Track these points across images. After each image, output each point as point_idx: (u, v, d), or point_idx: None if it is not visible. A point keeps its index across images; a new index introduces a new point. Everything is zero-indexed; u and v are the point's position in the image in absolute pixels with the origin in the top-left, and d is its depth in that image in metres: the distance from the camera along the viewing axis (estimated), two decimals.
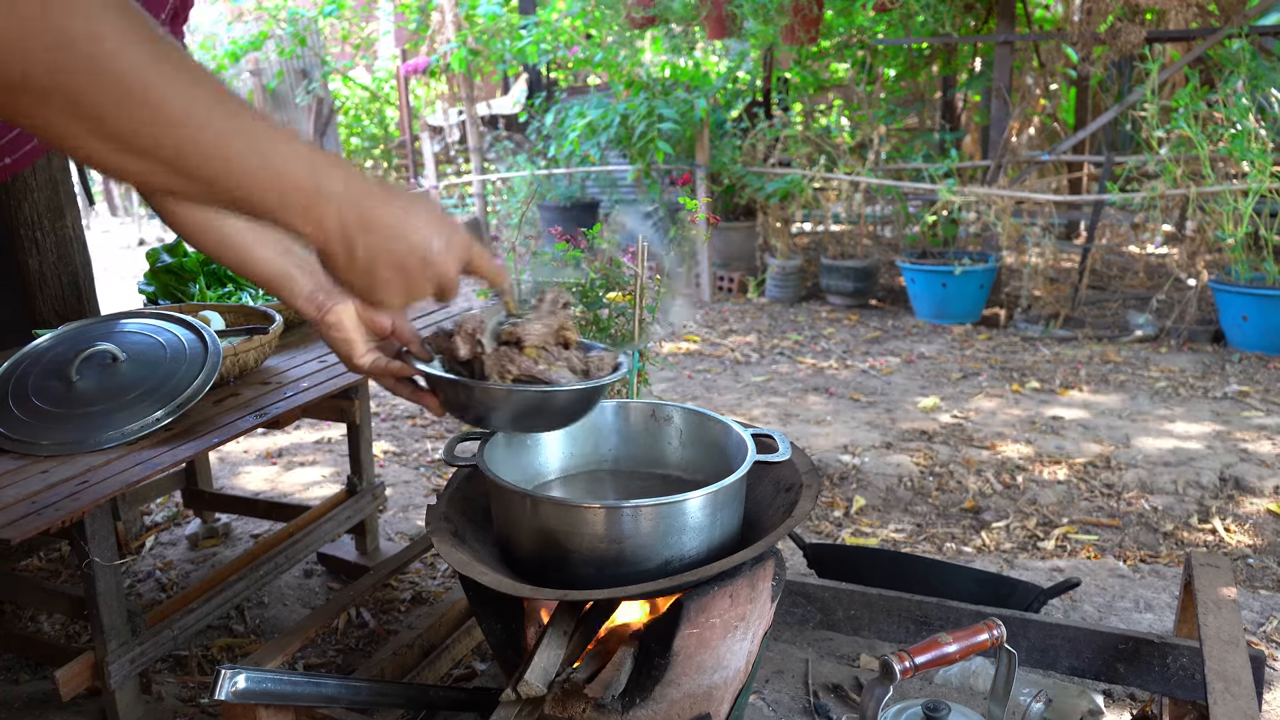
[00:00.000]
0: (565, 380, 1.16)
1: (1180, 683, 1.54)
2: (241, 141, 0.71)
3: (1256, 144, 4.26)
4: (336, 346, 1.12)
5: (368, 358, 1.11)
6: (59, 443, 1.51)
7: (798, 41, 5.99)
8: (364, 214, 0.80)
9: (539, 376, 1.14)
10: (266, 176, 0.73)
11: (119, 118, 0.65)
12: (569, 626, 1.23)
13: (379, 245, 0.82)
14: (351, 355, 1.11)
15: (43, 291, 2.39)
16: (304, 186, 0.75)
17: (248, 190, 0.72)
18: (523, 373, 1.14)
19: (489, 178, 8.24)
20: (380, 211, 0.81)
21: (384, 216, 0.82)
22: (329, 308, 1.09)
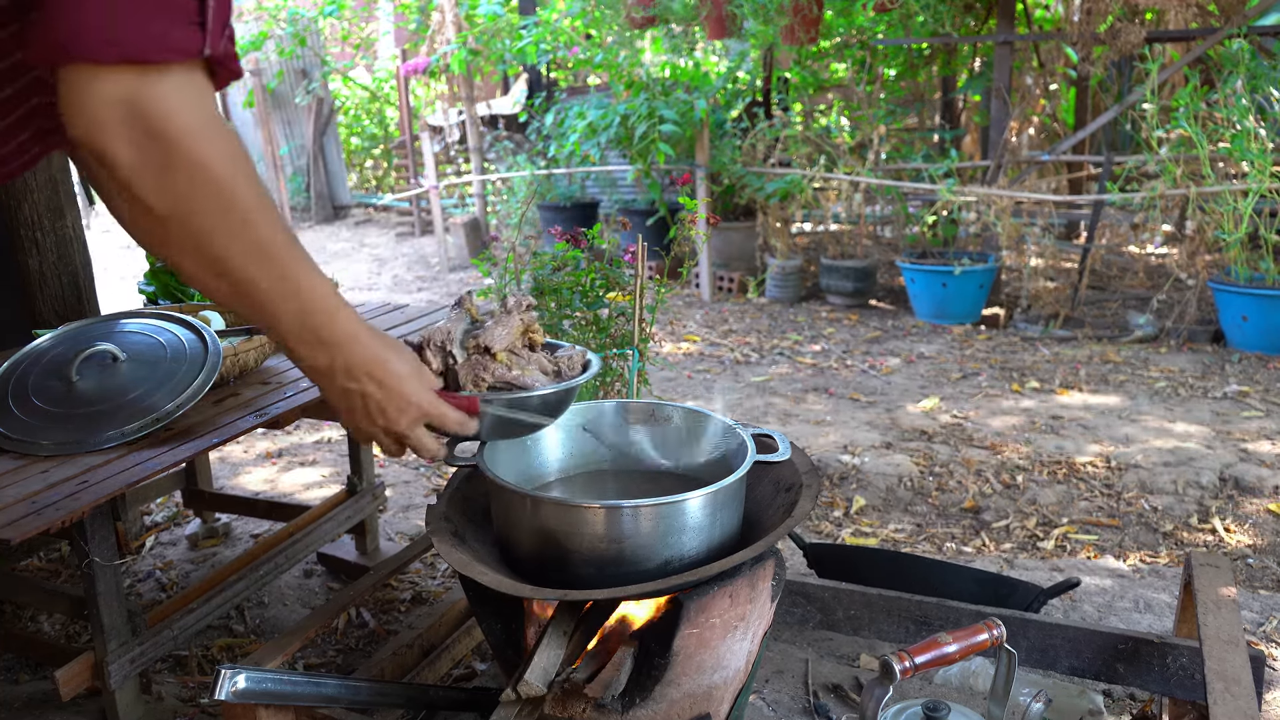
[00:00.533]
0: (539, 383, 1.17)
1: (1180, 683, 1.54)
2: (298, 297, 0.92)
3: (1256, 144, 4.26)
4: None
5: None
6: (59, 443, 1.51)
7: (798, 41, 5.99)
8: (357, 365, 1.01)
9: (514, 382, 1.16)
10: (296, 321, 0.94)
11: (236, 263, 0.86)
12: (569, 626, 1.23)
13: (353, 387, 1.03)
14: None
15: (43, 291, 2.39)
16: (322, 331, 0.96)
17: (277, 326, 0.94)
18: (497, 380, 1.15)
19: (489, 178, 8.24)
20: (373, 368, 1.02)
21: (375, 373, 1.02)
22: None
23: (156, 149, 0.76)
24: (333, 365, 0.99)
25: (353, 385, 1.02)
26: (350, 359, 1.00)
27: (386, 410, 1.06)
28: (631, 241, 2.32)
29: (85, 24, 0.71)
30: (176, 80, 0.76)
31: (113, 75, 0.72)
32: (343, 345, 0.98)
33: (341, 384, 1.01)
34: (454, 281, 7.12)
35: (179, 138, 0.76)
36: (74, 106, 0.73)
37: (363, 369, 1.01)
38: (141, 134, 0.75)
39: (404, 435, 1.09)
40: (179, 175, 0.77)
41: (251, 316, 0.92)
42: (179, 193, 0.78)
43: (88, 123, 0.73)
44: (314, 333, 0.95)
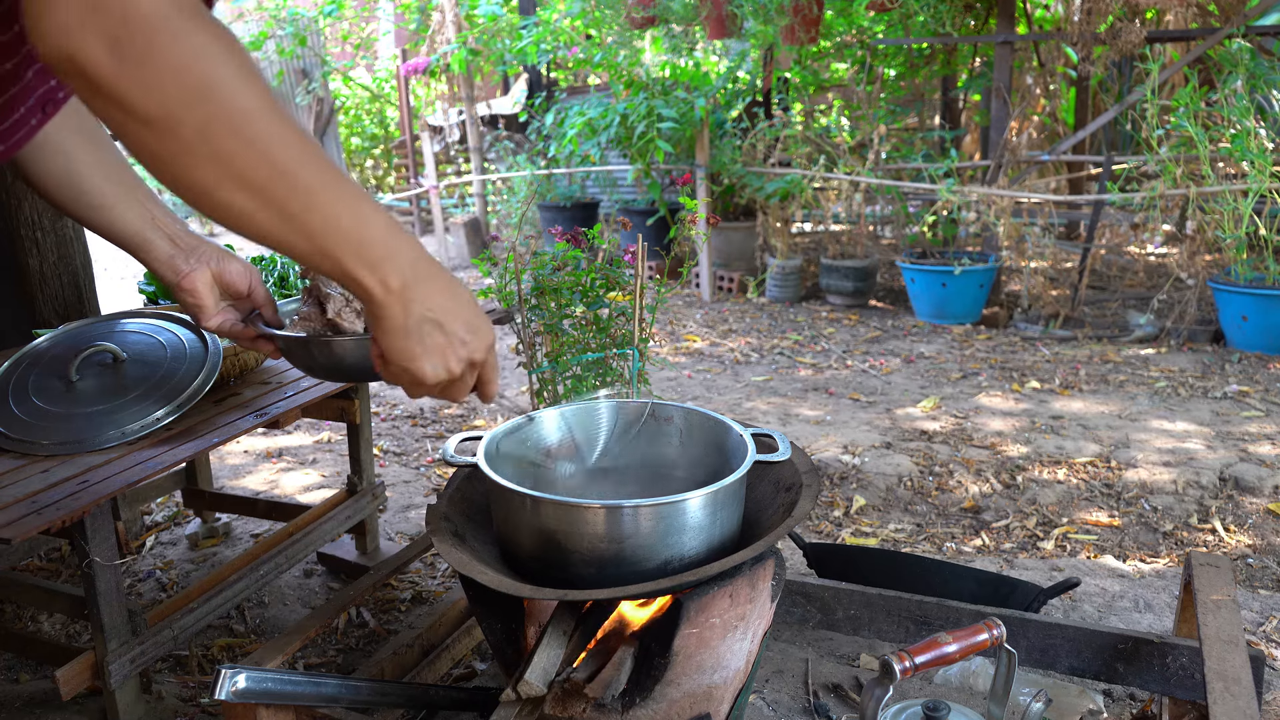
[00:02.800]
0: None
1: (1180, 682, 1.54)
2: (341, 200, 0.78)
3: (1256, 144, 4.26)
4: (187, 309, 1.20)
5: (216, 319, 1.19)
6: (59, 442, 1.51)
7: (798, 41, 5.99)
8: (425, 281, 0.86)
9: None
10: (353, 233, 0.80)
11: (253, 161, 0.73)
12: (569, 626, 1.23)
13: (431, 309, 0.87)
14: (200, 317, 1.19)
15: (43, 291, 2.39)
16: (379, 246, 0.82)
17: (329, 241, 0.79)
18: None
19: (489, 178, 8.24)
20: (438, 283, 0.87)
21: (440, 288, 0.88)
22: (185, 273, 1.16)
23: (132, 38, 0.66)
24: (405, 284, 0.84)
25: (427, 309, 0.87)
26: (421, 271, 0.85)
27: (475, 334, 0.91)
28: (631, 241, 2.32)
29: None
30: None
31: None
32: (410, 254, 0.84)
33: (418, 311, 0.86)
34: None
35: (157, 18, 0.67)
36: (38, 12, 0.65)
37: (438, 282, 0.87)
38: (115, 23, 0.66)
39: (484, 362, 0.95)
40: (164, 62, 0.68)
41: (294, 236, 0.78)
42: (169, 85, 0.68)
43: (54, 30, 0.65)
44: (372, 246, 0.81)
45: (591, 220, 7.50)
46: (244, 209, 0.75)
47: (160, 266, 1.17)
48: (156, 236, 1.17)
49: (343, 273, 0.81)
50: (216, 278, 1.17)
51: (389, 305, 0.84)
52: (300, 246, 0.79)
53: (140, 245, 1.17)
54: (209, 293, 1.17)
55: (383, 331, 0.87)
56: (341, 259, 0.80)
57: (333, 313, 1.16)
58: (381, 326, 0.87)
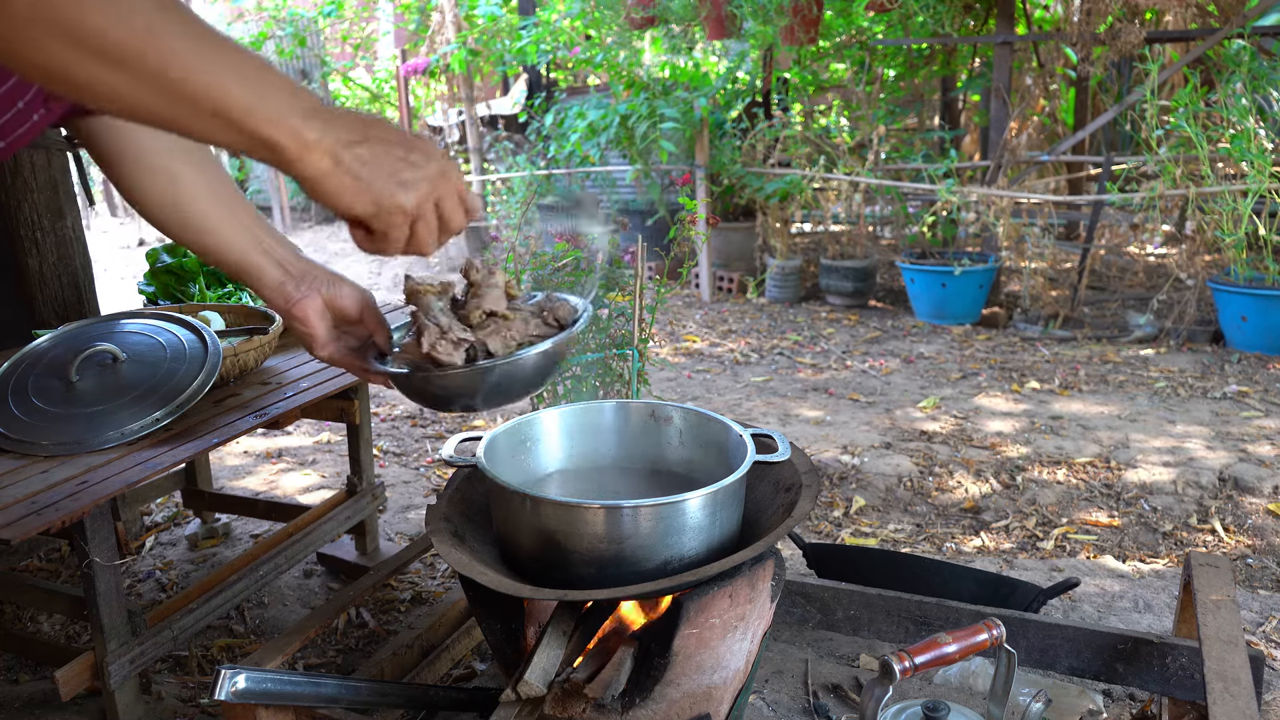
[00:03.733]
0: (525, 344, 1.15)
1: (1180, 683, 1.54)
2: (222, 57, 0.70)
3: (1256, 144, 4.26)
4: (300, 337, 1.14)
5: (329, 348, 1.14)
6: (59, 443, 1.51)
7: (797, 42, 5.99)
8: (338, 119, 0.77)
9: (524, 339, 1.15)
10: (244, 93, 0.70)
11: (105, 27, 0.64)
12: (569, 626, 1.23)
13: (358, 140, 0.78)
14: (313, 347, 1.13)
15: (43, 292, 2.39)
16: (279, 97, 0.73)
17: (221, 104, 0.70)
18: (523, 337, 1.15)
19: (489, 178, 8.24)
20: (351, 117, 0.79)
21: (355, 120, 0.79)
22: (296, 300, 1.11)
23: None
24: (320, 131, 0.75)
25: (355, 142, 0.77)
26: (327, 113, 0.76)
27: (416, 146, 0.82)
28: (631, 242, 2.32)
29: None
30: None
31: None
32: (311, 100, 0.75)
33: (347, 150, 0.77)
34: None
35: None
36: None
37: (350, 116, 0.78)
38: None
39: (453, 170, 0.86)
40: None
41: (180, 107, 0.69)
42: None
43: None
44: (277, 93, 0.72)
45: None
46: (113, 85, 0.66)
47: (270, 293, 1.11)
48: (266, 262, 1.11)
49: (246, 135, 0.72)
50: (329, 304, 1.12)
51: (311, 157, 0.75)
52: (186, 117, 0.70)
53: (249, 271, 1.11)
54: (320, 320, 1.11)
55: (327, 190, 0.77)
56: (238, 120, 0.71)
57: (427, 346, 1.11)
58: (320, 184, 0.77)
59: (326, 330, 1.13)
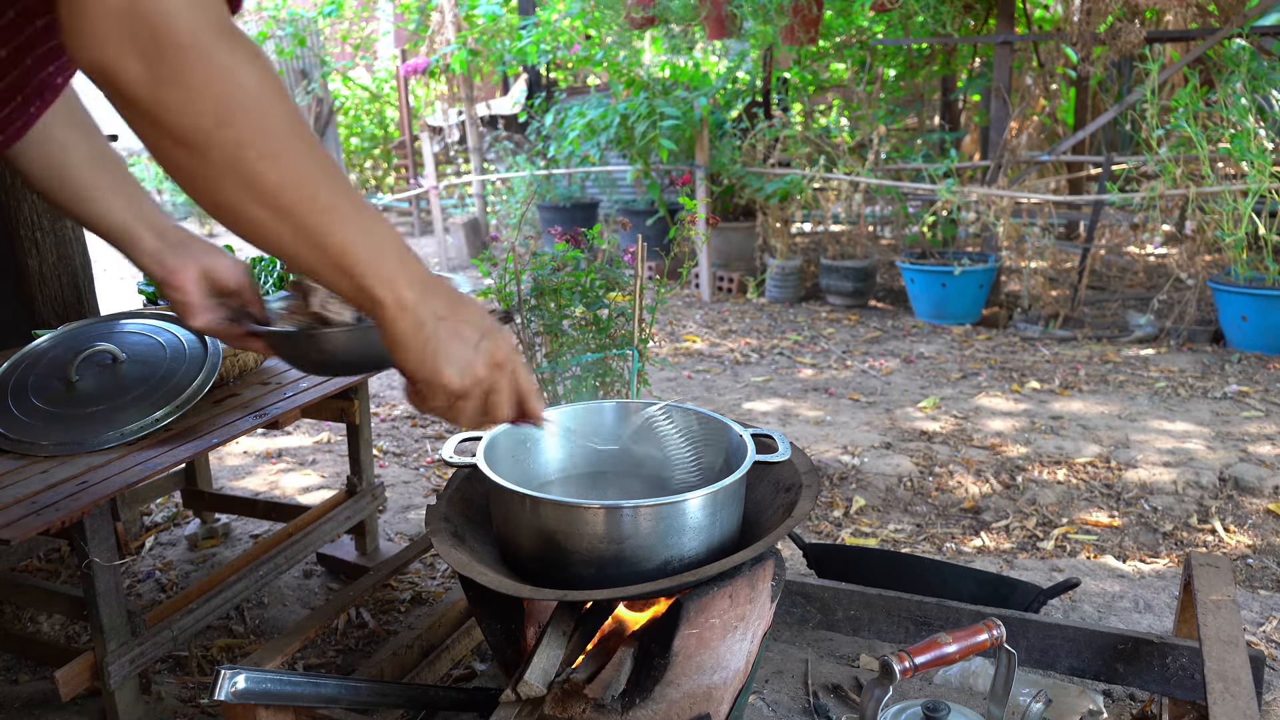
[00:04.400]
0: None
1: (1180, 683, 1.54)
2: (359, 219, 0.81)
3: (1256, 144, 4.26)
4: (174, 306, 1.15)
5: (204, 317, 1.14)
6: (59, 443, 1.51)
7: (797, 42, 5.99)
8: (434, 292, 0.87)
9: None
10: (368, 250, 0.82)
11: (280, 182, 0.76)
12: (569, 627, 1.23)
13: (444, 315, 0.88)
14: (187, 315, 1.14)
15: (43, 292, 2.39)
16: (393, 263, 0.83)
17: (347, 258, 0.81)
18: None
19: (489, 178, 8.24)
20: (447, 293, 0.89)
21: (449, 297, 0.89)
22: (173, 268, 1.12)
23: (164, 56, 0.67)
24: (418, 297, 0.84)
25: (439, 315, 0.87)
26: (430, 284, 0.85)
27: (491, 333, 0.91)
28: (631, 242, 2.32)
29: None
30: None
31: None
32: (419, 270, 0.85)
33: (431, 319, 0.86)
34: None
35: (189, 38, 0.68)
36: (74, 25, 0.67)
37: (446, 293, 0.87)
38: (147, 40, 0.67)
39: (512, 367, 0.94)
40: (196, 82, 0.69)
41: (314, 253, 0.80)
42: (201, 105, 0.70)
43: (90, 40, 0.67)
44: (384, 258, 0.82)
45: (591, 220, 7.50)
46: (269, 226, 0.77)
47: (147, 261, 1.14)
48: (144, 230, 1.14)
49: (358, 288, 0.83)
50: (205, 274, 1.14)
51: (403, 318, 0.85)
52: (318, 262, 0.81)
53: (127, 239, 1.14)
54: (197, 289, 1.13)
55: (401, 347, 0.87)
56: (357, 275, 0.82)
57: (317, 305, 1.12)
58: (399, 342, 0.86)
59: (202, 299, 1.14)
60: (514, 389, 0.96)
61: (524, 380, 0.96)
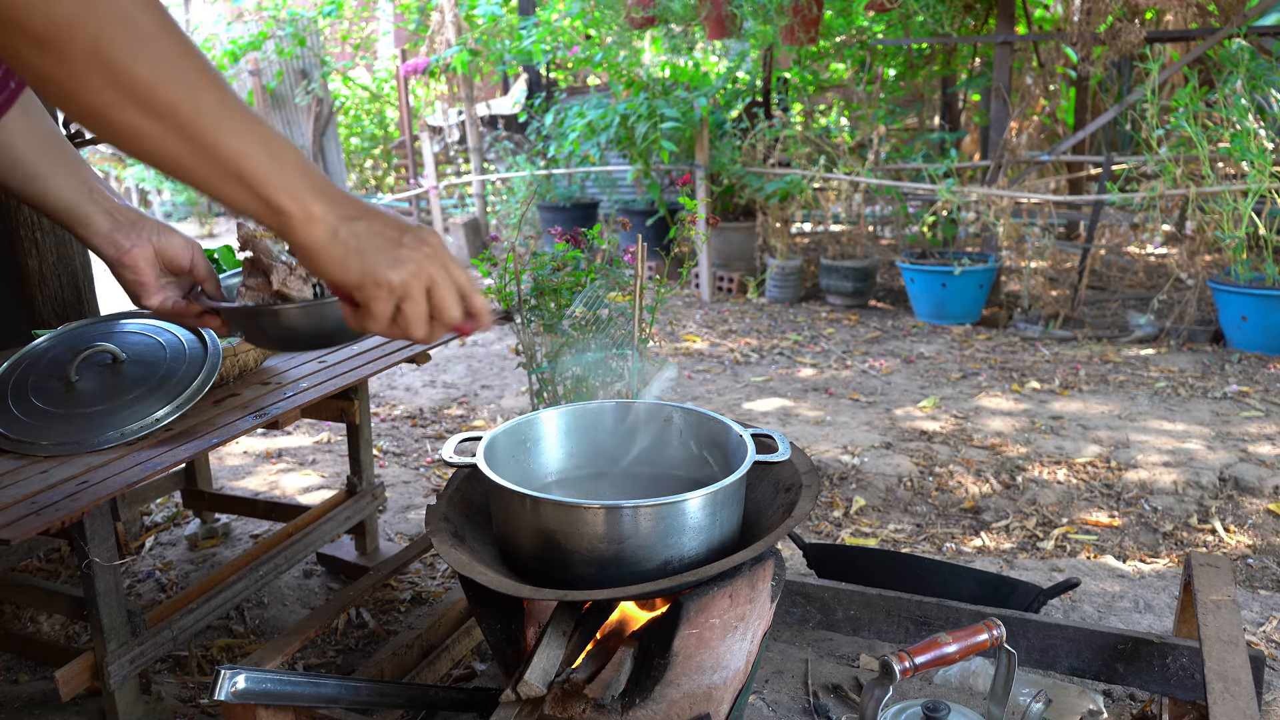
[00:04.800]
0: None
1: (1180, 683, 1.54)
2: (251, 125, 0.76)
3: (1256, 144, 4.26)
4: (127, 286, 1.13)
5: (158, 296, 1.13)
6: (59, 443, 1.51)
7: (797, 42, 5.99)
8: (341, 199, 0.82)
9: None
10: (266, 159, 0.76)
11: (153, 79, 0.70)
12: (568, 627, 1.23)
13: (358, 217, 0.83)
14: (141, 295, 1.13)
15: (42, 292, 2.39)
16: (295, 172, 0.78)
17: (244, 166, 0.76)
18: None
19: (489, 178, 8.24)
20: (353, 200, 0.84)
21: (355, 202, 0.84)
22: (126, 249, 1.11)
23: None
24: (326, 205, 0.80)
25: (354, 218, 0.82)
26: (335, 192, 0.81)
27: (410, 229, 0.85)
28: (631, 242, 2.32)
29: None
30: None
31: None
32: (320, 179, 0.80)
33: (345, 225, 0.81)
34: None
35: None
36: None
37: (352, 200, 0.83)
38: None
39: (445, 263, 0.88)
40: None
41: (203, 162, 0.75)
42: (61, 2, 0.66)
43: None
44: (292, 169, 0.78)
45: (591, 220, 7.50)
46: (149, 132, 0.72)
47: (100, 241, 1.12)
48: (95, 210, 1.11)
49: (260, 200, 0.78)
50: (158, 253, 1.12)
51: (314, 228, 0.80)
52: (211, 174, 0.76)
53: (78, 219, 1.11)
54: (151, 269, 1.11)
55: (322, 257, 0.82)
56: (257, 185, 0.76)
57: (278, 282, 1.11)
58: (317, 252, 0.82)
59: (156, 279, 1.13)
60: (454, 283, 0.89)
61: (461, 274, 0.90)
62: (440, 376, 4.46)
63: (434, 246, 0.87)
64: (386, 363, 1.94)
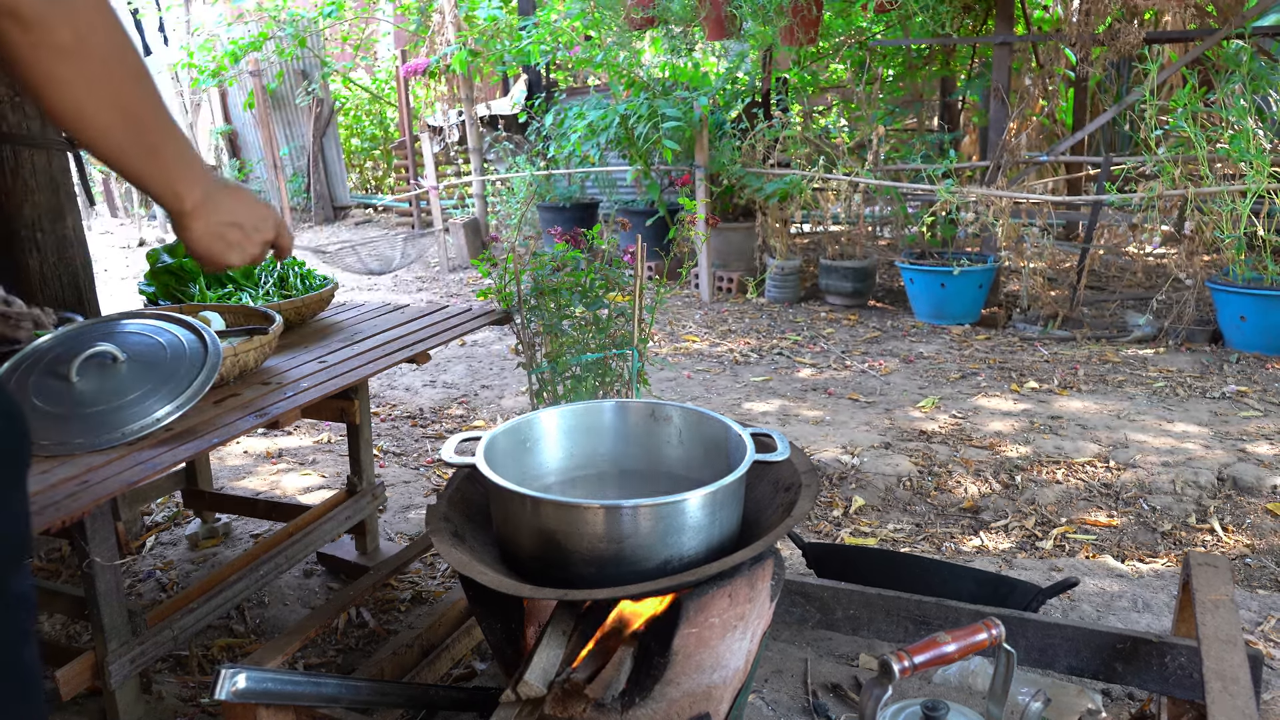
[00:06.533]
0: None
1: (1178, 682, 1.55)
2: (178, 136, 1.02)
3: (1254, 145, 4.26)
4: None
5: None
6: (59, 443, 1.51)
7: (797, 42, 5.99)
8: (218, 193, 1.10)
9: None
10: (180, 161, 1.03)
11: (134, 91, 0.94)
12: (568, 626, 1.23)
13: (225, 214, 1.11)
14: None
15: (43, 292, 2.40)
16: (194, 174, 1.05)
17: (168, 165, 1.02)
18: None
19: (489, 178, 8.24)
20: (229, 193, 1.12)
21: (231, 196, 1.12)
22: None
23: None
24: (203, 199, 1.08)
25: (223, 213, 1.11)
26: (214, 189, 1.09)
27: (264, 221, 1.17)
28: (631, 242, 2.33)
29: None
30: None
31: None
32: (208, 179, 1.09)
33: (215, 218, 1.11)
34: (454, 282, 7.12)
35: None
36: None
37: (229, 193, 1.12)
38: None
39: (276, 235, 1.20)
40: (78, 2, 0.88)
41: (144, 157, 1.00)
42: (81, 20, 0.88)
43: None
44: (191, 168, 1.05)
45: (591, 221, 7.50)
46: (115, 128, 0.94)
47: None
48: None
49: (166, 187, 1.03)
50: None
51: (191, 216, 1.07)
52: (143, 165, 1.00)
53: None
54: None
55: (190, 236, 1.09)
56: (171, 179, 1.03)
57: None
58: (189, 233, 1.09)
59: None
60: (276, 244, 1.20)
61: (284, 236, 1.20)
62: (440, 376, 4.46)
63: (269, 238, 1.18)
64: (386, 362, 1.94)
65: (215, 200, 1.09)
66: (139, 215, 10.93)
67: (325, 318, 2.36)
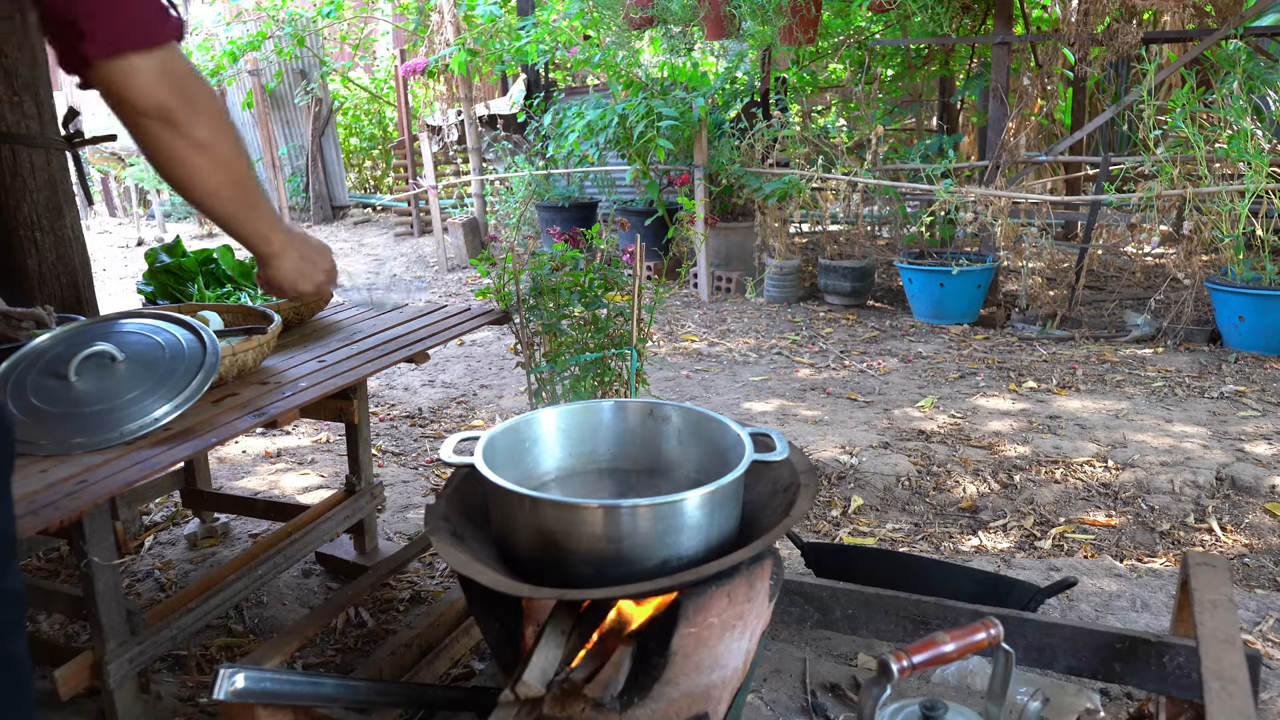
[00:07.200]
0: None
1: (1177, 682, 1.55)
2: (265, 198, 1.29)
3: (1253, 144, 4.27)
4: None
5: None
6: (58, 442, 1.51)
7: (795, 42, 5.99)
8: (293, 240, 1.36)
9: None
10: (267, 217, 1.30)
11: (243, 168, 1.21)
12: (567, 626, 1.23)
13: (298, 254, 1.38)
14: None
15: (42, 291, 2.39)
16: (277, 225, 1.32)
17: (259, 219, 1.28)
18: None
19: (487, 178, 8.24)
20: (299, 240, 1.38)
21: (300, 242, 1.38)
22: None
23: (186, 91, 1.10)
24: (284, 243, 1.34)
25: (297, 254, 1.37)
26: (293, 235, 1.37)
27: (323, 255, 1.44)
28: (630, 242, 2.33)
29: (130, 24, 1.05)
30: (177, 48, 1.10)
31: (156, 53, 1.07)
32: (285, 228, 1.35)
33: (293, 255, 1.36)
34: (453, 281, 7.12)
35: (192, 82, 1.11)
36: (133, 81, 1.05)
37: (298, 240, 1.38)
38: (176, 85, 1.09)
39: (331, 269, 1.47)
40: (207, 108, 1.12)
41: (245, 215, 1.25)
42: (211, 122, 1.13)
43: (145, 91, 1.06)
44: (276, 219, 1.31)
45: (590, 220, 7.50)
46: (234, 198, 1.21)
47: None
48: None
49: (260, 236, 1.29)
50: None
51: (279, 256, 1.34)
52: (246, 220, 1.25)
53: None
54: None
55: (277, 271, 1.36)
56: (263, 230, 1.29)
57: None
58: (276, 269, 1.35)
59: None
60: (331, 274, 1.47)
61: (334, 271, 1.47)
62: (439, 376, 4.46)
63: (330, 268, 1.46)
64: (385, 362, 1.94)
65: (293, 242, 1.35)
66: (137, 215, 10.92)
67: (324, 317, 2.36)
